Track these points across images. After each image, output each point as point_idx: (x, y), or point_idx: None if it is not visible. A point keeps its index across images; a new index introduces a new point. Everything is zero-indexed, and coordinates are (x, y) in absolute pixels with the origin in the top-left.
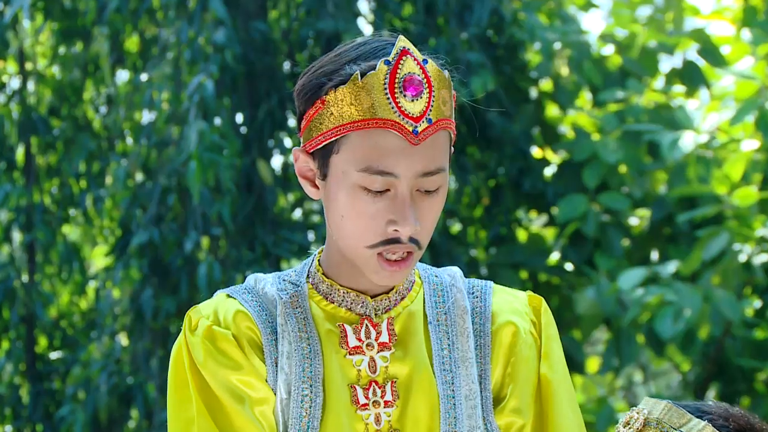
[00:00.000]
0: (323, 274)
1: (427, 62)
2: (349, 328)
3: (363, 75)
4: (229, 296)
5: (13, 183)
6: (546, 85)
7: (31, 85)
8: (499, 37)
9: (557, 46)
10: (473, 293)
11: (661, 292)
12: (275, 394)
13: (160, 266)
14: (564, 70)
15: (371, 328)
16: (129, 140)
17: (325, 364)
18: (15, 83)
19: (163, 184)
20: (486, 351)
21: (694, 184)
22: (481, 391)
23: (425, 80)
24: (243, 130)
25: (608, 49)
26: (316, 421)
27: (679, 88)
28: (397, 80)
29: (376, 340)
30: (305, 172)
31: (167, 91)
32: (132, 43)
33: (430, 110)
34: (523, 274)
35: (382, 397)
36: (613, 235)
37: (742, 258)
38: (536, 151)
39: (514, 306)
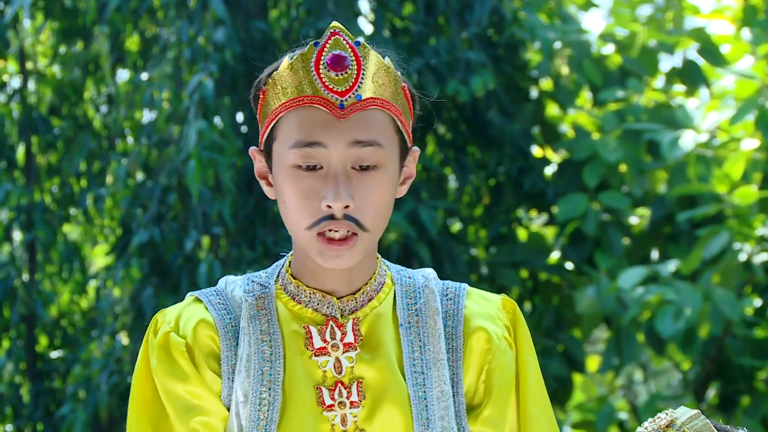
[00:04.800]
0: (291, 275)
1: (359, 44)
2: (314, 330)
3: (292, 58)
4: (196, 299)
5: (13, 182)
6: (546, 84)
7: (31, 85)
8: (499, 36)
9: (557, 45)
10: (447, 295)
11: (662, 291)
12: (230, 402)
13: (160, 265)
14: (564, 70)
15: (336, 329)
16: (129, 139)
17: (288, 366)
18: (15, 82)
19: (163, 184)
20: (458, 354)
21: (694, 183)
22: (453, 395)
23: (353, 57)
24: (243, 129)
25: (608, 49)
26: (273, 424)
27: (679, 88)
28: (323, 58)
29: (341, 340)
30: (262, 172)
31: (167, 90)
32: (132, 42)
33: (359, 86)
34: (524, 273)
35: (348, 397)
36: (613, 234)
37: (742, 257)
38: (536, 150)
39: (487, 310)
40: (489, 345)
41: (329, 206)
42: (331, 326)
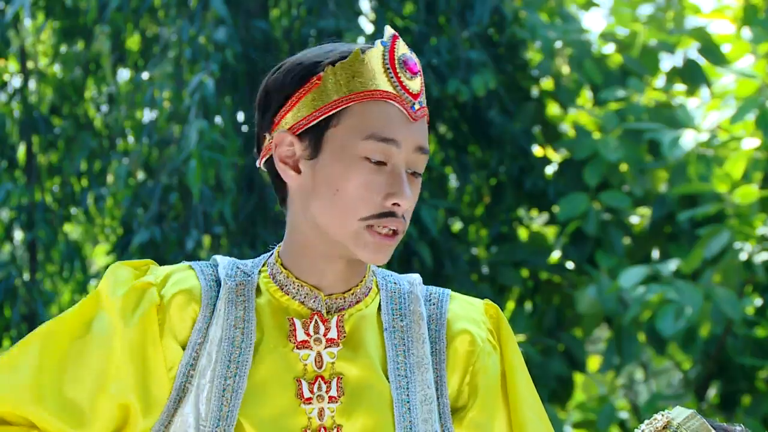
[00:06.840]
0: (282, 264)
1: (413, 50)
2: (298, 323)
3: (363, 51)
4: (189, 267)
5: (14, 181)
6: (547, 83)
7: (32, 84)
8: (500, 35)
9: (558, 44)
10: (430, 300)
11: (662, 290)
12: (187, 368)
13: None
14: (565, 69)
15: (320, 324)
16: (130, 139)
17: (268, 357)
18: (16, 82)
19: (164, 183)
20: (441, 357)
21: (695, 182)
22: (437, 397)
23: (417, 62)
24: (244, 128)
25: (609, 48)
26: (236, 410)
27: (679, 87)
28: (396, 58)
29: (324, 335)
30: (287, 156)
31: (168, 89)
32: (133, 41)
33: (422, 92)
34: (524, 273)
35: (327, 392)
36: (614, 233)
37: (743, 256)
38: (537, 150)
39: (470, 314)
40: (473, 347)
41: (396, 204)
42: (315, 320)
